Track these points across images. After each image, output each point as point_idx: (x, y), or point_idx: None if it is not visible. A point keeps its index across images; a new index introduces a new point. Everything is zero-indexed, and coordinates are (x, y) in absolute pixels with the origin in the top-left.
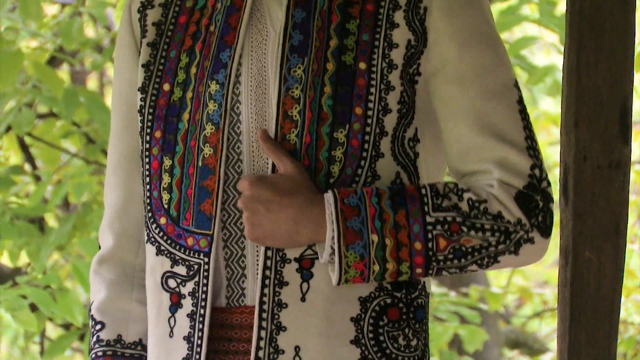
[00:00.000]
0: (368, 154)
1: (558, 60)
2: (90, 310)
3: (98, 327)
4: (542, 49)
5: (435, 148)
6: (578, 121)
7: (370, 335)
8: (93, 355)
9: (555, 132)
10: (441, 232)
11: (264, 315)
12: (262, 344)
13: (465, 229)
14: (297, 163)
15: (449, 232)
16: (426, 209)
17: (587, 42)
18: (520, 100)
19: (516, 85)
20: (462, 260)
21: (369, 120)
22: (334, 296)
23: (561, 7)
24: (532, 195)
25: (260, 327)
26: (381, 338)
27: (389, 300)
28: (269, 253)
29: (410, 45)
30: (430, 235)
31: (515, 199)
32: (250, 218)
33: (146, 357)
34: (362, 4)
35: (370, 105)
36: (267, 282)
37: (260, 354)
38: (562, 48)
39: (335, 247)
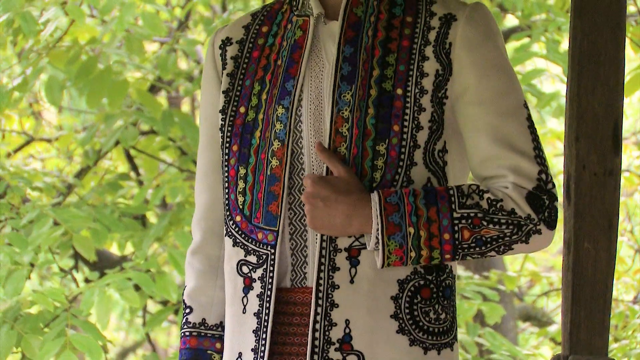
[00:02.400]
0: (404, 163)
1: (562, 88)
2: (183, 294)
3: (187, 310)
4: (549, 79)
5: (460, 156)
6: (578, 137)
7: (407, 310)
8: (182, 332)
9: (560, 146)
10: (465, 225)
11: (320, 295)
12: (318, 318)
13: (485, 222)
14: (348, 168)
15: (472, 225)
16: (453, 206)
17: (585, 73)
18: (529, 118)
19: (525, 105)
20: (483, 247)
21: (405, 136)
22: (376, 279)
23: (564, 45)
24: (540, 195)
25: (317, 305)
26: (415, 313)
27: (422, 282)
28: (324, 244)
29: (438, 74)
30: (456, 228)
31: (526, 198)
32: (311, 211)
33: (224, 335)
34: (399, 41)
35: (406, 123)
36: (322, 267)
37: (317, 326)
38: (565, 78)
39: (380, 237)
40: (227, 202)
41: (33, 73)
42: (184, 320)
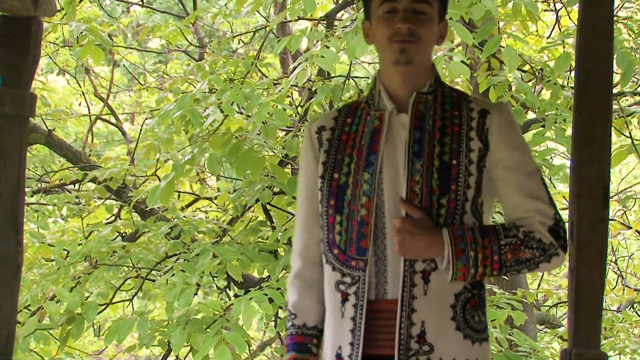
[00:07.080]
0: (459, 212)
1: (567, 162)
2: (287, 305)
3: (293, 317)
4: (558, 155)
5: (488, 209)
6: (579, 196)
7: (461, 315)
8: (289, 332)
9: (566, 202)
10: (509, 250)
11: (404, 303)
12: (403, 319)
13: (522, 247)
14: (423, 213)
15: (513, 249)
16: (500, 236)
17: (583, 150)
18: (542, 178)
19: (539, 170)
20: (519, 266)
21: (459, 193)
22: (441, 292)
23: (568, 132)
24: (558, 229)
25: (402, 310)
26: (466, 316)
27: (469, 295)
28: (406, 267)
29: (480, 150)
30: (502, 252)
31: (548, 231)
32: (401, 242)
33: (320, 335)
34: (452, 127)
35: (460, 184)
36: (405, 284)
37: (402, 325)
38: (569, 155)
39: (451, 259)
40: (327, 240)
41: (199, 152)
42: (290, 324)
